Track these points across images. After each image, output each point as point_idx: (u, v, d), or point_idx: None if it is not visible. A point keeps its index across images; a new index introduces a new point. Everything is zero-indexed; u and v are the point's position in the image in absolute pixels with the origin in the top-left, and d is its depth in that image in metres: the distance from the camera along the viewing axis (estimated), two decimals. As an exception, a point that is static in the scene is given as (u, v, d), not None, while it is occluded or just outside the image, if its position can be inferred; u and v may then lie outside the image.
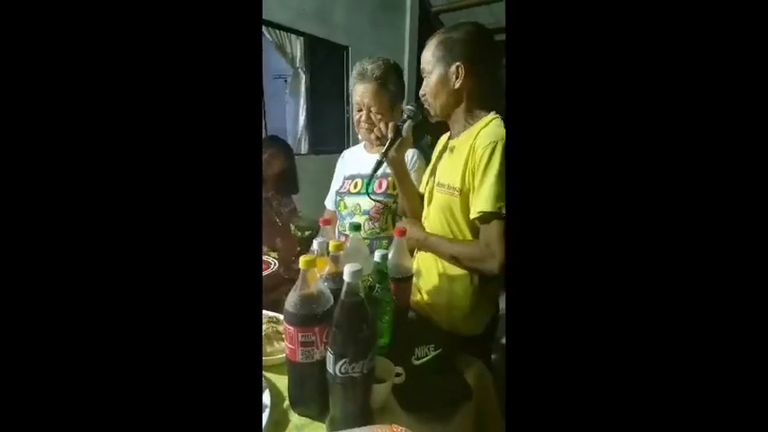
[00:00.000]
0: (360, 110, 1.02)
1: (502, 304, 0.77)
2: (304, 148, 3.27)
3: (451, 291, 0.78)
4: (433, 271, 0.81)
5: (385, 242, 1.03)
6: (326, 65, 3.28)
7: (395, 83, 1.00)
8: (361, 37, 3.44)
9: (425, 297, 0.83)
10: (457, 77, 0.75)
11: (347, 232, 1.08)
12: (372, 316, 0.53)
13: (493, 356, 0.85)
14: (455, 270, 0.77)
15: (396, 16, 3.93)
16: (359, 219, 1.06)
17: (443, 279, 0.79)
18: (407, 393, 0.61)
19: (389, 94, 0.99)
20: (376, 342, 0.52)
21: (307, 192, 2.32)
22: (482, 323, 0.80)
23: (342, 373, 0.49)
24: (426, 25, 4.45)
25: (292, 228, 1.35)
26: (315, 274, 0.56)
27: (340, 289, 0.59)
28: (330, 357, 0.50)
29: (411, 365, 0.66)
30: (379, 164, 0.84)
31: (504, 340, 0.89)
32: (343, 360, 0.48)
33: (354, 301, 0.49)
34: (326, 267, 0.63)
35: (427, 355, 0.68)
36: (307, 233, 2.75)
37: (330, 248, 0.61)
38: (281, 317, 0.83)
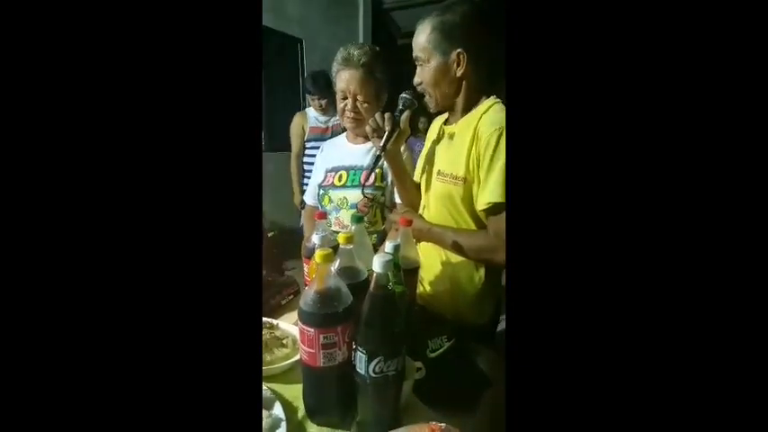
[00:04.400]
0: (344, 98, 0.96)
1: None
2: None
3: (456, 280, 0.77)
4: (435, 261, 0.79)
5: (374, 236, 0.99)
6: (280, 58, 3.13)
7: (382, 71, 0.96)
8: (314, 31, 3.33)
9: (428, 288, 0.81)
10: (458, 65, 0.71)
11: (333, 228, 1.02)
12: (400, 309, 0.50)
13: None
14: (459, 259, 0.75)
15: (349, 12, 3.87)
16: (345, 212, 1.01)
17: (447, 268, 0.77)
18: (427, 388, 0.59)
19: (376, 82, 0.95)
20: (407, 336, 0.48)
21: (264, 190, 2.19)
22: (488, 311, 0.80)
23: (376, 373, 0.45)
24: (379, 21, 4.46)
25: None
26: (330, 269, 0.51)
27: (353, 284, 0.56)
28: (361, 357, 0.45)
29: (427, 359, 0.63)
30: (377, 158, 0.80)
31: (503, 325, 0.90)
32: (378, 359, 0.45)
33: (386, 293, 0.46)
34: (337, 261, 0.58)
35: (441, 347, 0.66)
36: (270, 234, 2.61)
37: (340, 241, 0.56)
38: (275, 321, 0.77)
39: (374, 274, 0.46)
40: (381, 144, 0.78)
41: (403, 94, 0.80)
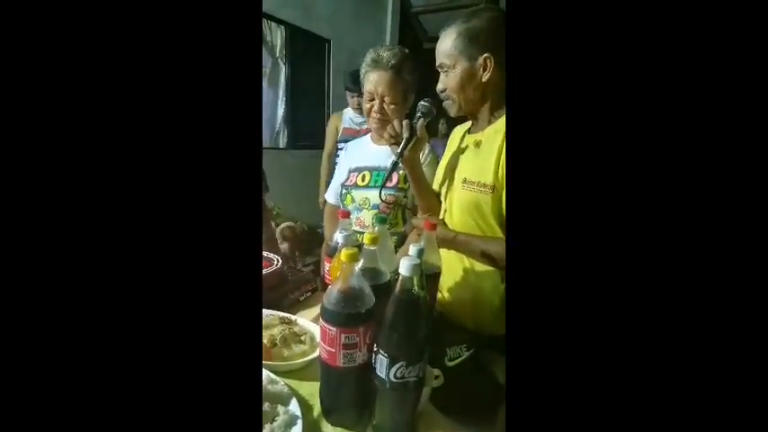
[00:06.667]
0: (371, 99, 0.96)
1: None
2: (283, 142, 3.14)
3: (480, 289, 0.75)
4: (457, 269, 0.77)
5: (394, 238, 0.99)
6: (307, 57, 3.17)
7: (410, 72, 0.95)
8: (343, 31, 3.37)
9: (448, 295, 0.80)
10: (485, 70, 0.71)
11: (354, 228, 1.02)
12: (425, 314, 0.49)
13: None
14: (483, 268, 0.74)
15: (377, 13, 3.89)
16: (367, 213, 1.01)
17: (471, 277, 0.76)
18: (444, 396, 0.58)
19: (404, 83, 0.95)
20: (430, 342, 0.47)
21: (285, 188, 2.22)
22: None
23: (397, 378, 0.44)
24: (406, 24, 4.47)
25: (272, 225, 1.27)
26: (355, 269, 0.51)
27: (375, 286, 0.55)
28: (383, 361, 0.45)
29: (445, 367, 0.62)
30: (394, 165, 0.81)
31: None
32: (400, 364, 0.44)
33: (411, 297, 0.45)
34: (360, 261, 0.58)
35: (460, 356, 0.65)
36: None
37: (365, 241, 0.56)
38: (293, 317, 0.77)
39: (400, 277, 0.45)
40: (398, 151, 0.78)
41: (422, 102, 0.80)
